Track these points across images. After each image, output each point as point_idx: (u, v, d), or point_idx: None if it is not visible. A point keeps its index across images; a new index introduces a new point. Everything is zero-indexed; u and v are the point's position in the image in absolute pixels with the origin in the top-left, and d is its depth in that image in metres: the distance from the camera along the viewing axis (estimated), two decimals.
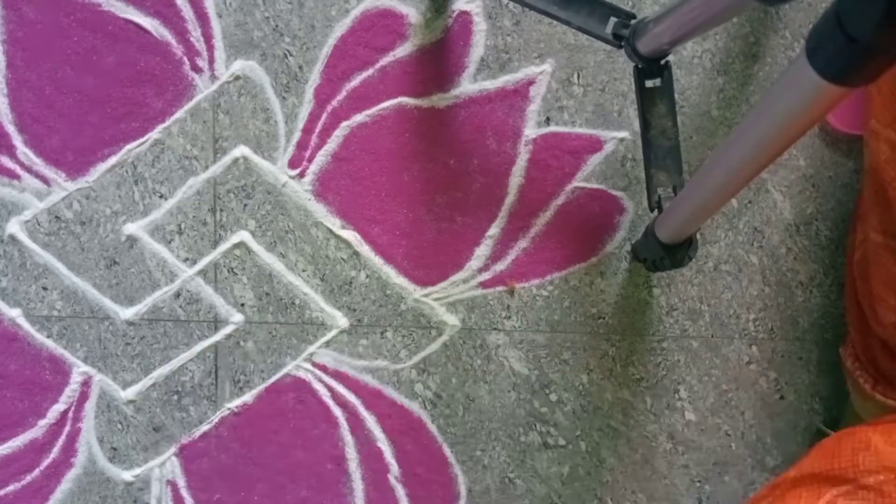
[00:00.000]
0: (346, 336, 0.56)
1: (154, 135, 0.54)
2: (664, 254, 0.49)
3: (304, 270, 0.55)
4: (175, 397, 0.56)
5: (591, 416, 0.56)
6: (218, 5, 0.54)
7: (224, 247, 0.55)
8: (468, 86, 0.55)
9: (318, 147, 0.55)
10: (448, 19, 0.54)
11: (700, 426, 0.57)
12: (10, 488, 0.55)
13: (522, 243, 0.56)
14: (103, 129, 0.54)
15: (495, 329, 0.56)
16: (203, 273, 0.55)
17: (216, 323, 0.55)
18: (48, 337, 0.55)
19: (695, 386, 0.57)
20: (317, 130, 0.55)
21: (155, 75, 0.54)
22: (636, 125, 0.55)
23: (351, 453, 0.56)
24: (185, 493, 0.56)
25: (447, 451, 0.56)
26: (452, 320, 0.56)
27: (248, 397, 0.55)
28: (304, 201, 0.55)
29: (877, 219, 0.46)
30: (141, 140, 0.54)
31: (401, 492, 0.56)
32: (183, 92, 0.54)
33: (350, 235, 0.55)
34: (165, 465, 0.56)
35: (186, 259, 0.55)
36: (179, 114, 0.54)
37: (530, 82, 0.55)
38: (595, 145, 0.55)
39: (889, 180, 0.44)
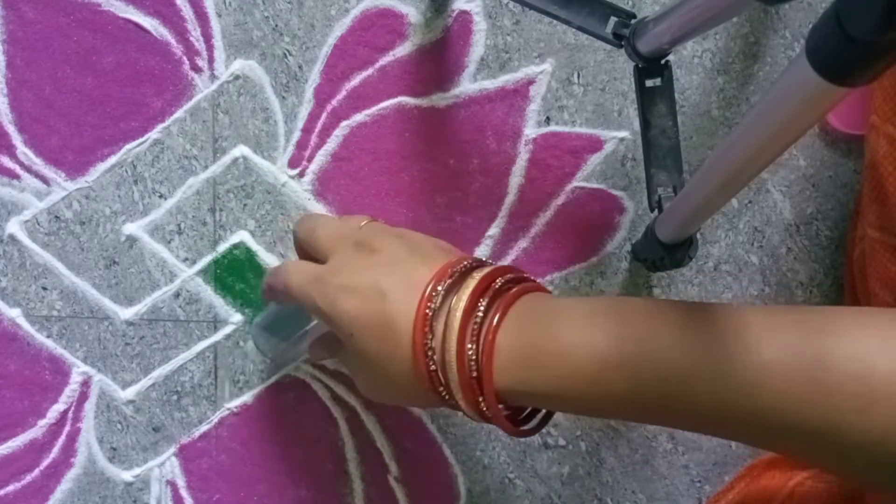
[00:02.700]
0: None
1: (153, 134, 0.54)
2: (664, 254, 0.49)
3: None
4: (175, 397, 0.56)
5: (592, 417, 0.56)
6: (217, 5, 0.54)
7: (224, 247, 0.55)
8: (468, 85, 0.55)
9: (318, 147, 0.55)
10: (448, 19, 0.54)
11: None
12: (10, 488, 0.55)
13: (522, 243, 0.56)
14: (103, 129, 0.54)
15: None
16: (203, 273, 0.55)
17: (216, 323, 0.55)
18: (48, 337, 0.55)
19: None
20: (316, 130, 0.55)
21: (154, 75, 0.54)
22: (636, 125, 0.55)
23: (350, 453, 0.56)
24: (184, 493, 0.56)
25: (447, 451, 0.56)
26: None
27: (247, 397, 0.55)
28: (303, 201, 0.55)
29: (874, 215, 0.46)
30: (140, 140, 0.54)
31: (400, 492, 0.56)
32: (182, 91, 0.54)
33: None
34: (165, 465, 0.56)
35: (186, 259, 0.55)
36: (179, 113, 0.54)
37: (530, 82, 0.55)
38: (595, 145, 0.55)
39: (886, 175, 0.44)
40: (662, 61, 0.46)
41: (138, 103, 0.54)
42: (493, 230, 0.55)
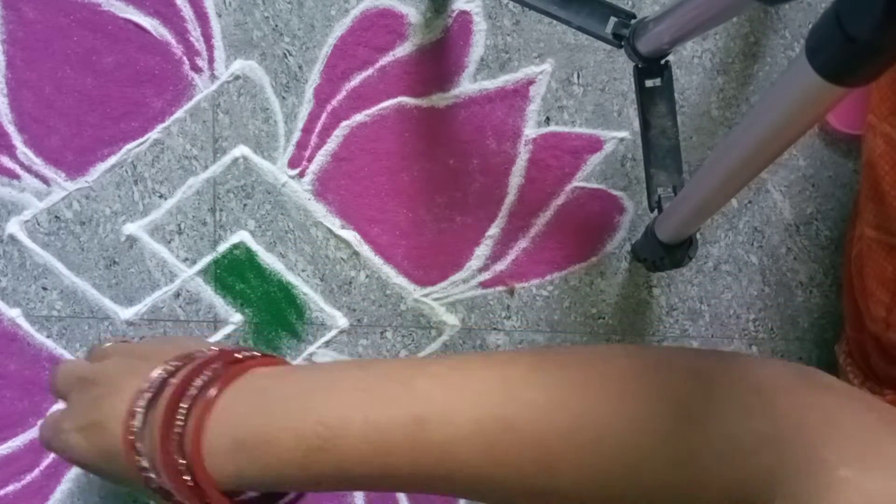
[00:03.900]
0: (345, 336, 0.56)
1: (154, 135, 0.54)
2: (664, 254, 0.49)
3: (303, 270, 0.55)
4: None
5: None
6: (217, 5, 0.54)
7: (224, 247, 0.55)
8: (468, 85, 0.55)
9: (318, 147, 0.55)
10: (448, 19, 0.54)
11: None
12: (10, 488, 0.55)
13: (522, 243, 0.56)
14: (103, 129, 0.54)
15: (495, 329, 0.56)
16: (203, 273, 0.55)
17: (216, 323, 0.55)
18: (48, 337, 0.55)
19: None
20: (316, 130, 0.55)
21: (155, 75, 0.54)
22: (636, 125, 0.55)
23: None
24: None
25: None
26: (452, 320, 0.56)
27: None
28: (303, 201, 0.55)
29: (871, 214, 0.46)
30: (140, 140, 0.54)
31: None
32: (182, 92, 0.54)
33: (350, 235, 0.55)
34: None
35: (186, 259, 0.55)
36: (179, 113, 0.54)
37: (530, 82, 0.55)
38: (595, 145, 0.55)
39: (883, 175, 0.44)
40: (662, 61, 0.46)
41: (138, 103, 0.54)
42: (493, 230, 0.55)
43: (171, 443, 0.35)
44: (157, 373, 0.37)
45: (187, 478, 0.35)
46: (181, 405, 0.36)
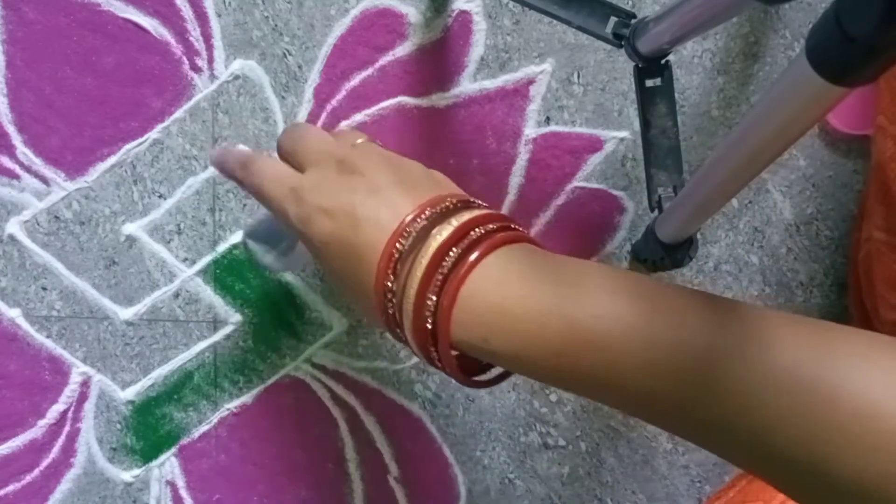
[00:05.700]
0: (345, 336, 0.56)
1: (153, 134, 0.54)
2: (664, 254, 0.49)
3: (303, 270, 0.55)
4: (175, 398, 0.56)
5: (591, 417, 0.56)
6: (217, 5, 0.54)
7: (223, 247, 0.55)
8: (468, 85, 0.55)
9: None
10: (448, 18, 0.54)
11: None
12: (10, 488, 0.55)
13: None
14: (103, 129, 0.54)
15: None
16: (202, 273, 0.55)
17: (215, 323, 0.55)
18: (47, 337, 0.55)
19: None
20: None
21: (154, 75, 0.54)
22: (636, 125, 0.55)
23: (350, 454, 0.56)
24: (184, 493, 0.56)
25: (447, 451, 0.56)
26: None
27: (247, 397, 0.55)
28: None
29: (880, 216, 0.46)
30: (140, 140, 0.54)
31: (400, 492, 0.56)
32: (182, 91, 0.54)
33: None
34: (165, 466, 0.56)
35: (185, 259, 0.55)
36: (179, 113, 0.54)
37: (530, 82, 0.55)
38: (595, 145, 0.55)
39: (892, 177, 0.43)
40: (662, 61, 0.46)
41: (138, 103, 0.54)
42: None
43: (432, 280, 0.34)
44: (445, 203, 0.36)
45: (429, 321, 0.34)
46: (455, 247, 0.34)
